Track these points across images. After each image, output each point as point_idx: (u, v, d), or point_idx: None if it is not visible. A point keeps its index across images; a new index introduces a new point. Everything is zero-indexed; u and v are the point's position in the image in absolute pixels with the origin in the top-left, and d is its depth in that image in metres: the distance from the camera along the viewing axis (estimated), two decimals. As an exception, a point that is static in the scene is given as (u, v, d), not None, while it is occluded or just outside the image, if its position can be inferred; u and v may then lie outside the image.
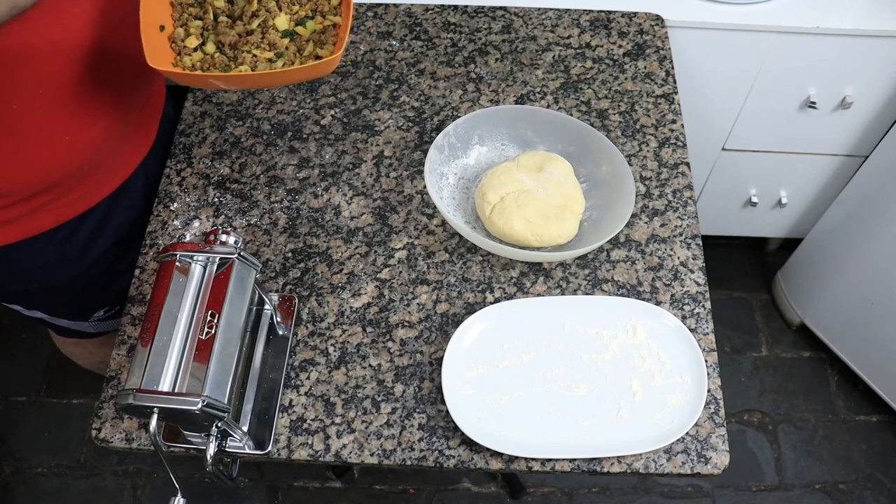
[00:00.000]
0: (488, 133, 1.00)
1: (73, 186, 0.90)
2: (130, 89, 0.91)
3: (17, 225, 0.89)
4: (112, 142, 0.91)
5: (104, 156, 0.91)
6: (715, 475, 0.82)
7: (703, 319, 0.90)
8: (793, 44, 1.22)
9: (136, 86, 0.92)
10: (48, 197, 0.88)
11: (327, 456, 0.81)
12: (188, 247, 0.77)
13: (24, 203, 0.87)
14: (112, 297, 1.09)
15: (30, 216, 0.89)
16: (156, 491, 1.62)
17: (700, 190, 1.58)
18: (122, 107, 0.89)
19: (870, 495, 1.60)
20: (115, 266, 1.04)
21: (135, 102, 0.93)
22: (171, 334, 0.72)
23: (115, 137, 0.91)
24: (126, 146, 0.96)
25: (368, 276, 0.93)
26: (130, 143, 0.97)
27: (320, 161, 1.03)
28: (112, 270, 1.04)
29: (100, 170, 0.93)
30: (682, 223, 0.97)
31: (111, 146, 0.91)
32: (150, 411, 0.69)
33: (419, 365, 0.87)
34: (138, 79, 0.91)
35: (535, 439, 0.81)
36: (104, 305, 1.10)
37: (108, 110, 0.87)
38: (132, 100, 0.92)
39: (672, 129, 1.05)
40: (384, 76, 1.11)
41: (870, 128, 1.39)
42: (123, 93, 0.89)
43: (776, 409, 1.70)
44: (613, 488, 1.62)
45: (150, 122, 1.01)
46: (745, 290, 1.87)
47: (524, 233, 0.91)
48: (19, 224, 0.89)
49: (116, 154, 0.94)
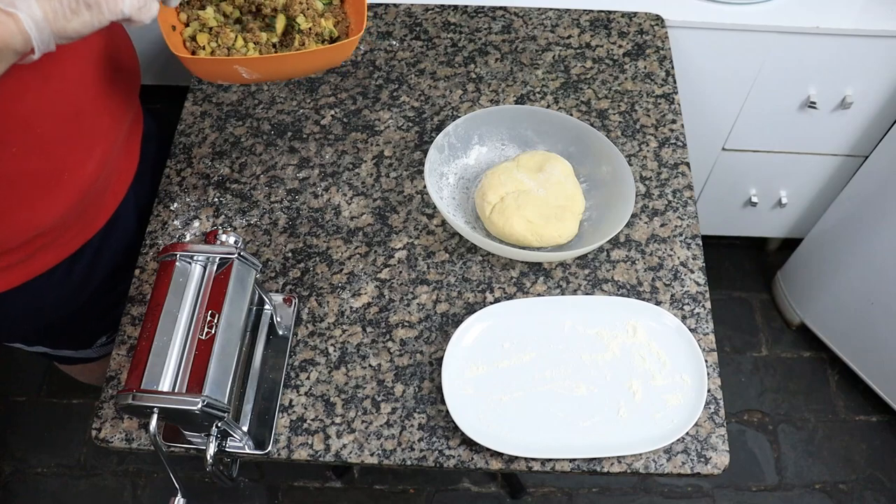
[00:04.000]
0: (488, 133, 1.00)
1: (71, 224, 0.88)
2: (122, 112, 0.88)
3: (17, 270, 0.86)
4: (105, 171, 0.88)
5: (98, 186, 0.88)
6: (715, 475, 0.82)
7: (703, 319, 0.90)
8: (793, 44, 1.22)
9: (126, 108, 0.89)
10: (46, 239, 0.86)
11: (327, 456, 0.81)
12: (188, 247, 0.77)
13: (23, 248, 0.84)
14: (113, 322, 1.07)
15: (28, 260, 0.86)
16: (156, 491, 1.62)
17: (700, 190, 1.58)
18: (113, 132, 0.87)
19: (870, 495, 1.60)
20: (114, 291, 1.02)
21: (123, 126, 0.90)
22: (171, 334, 0.72)
23: (108, 165, 0.89)
24: (114, 173, 0.93)
25: (368, 276, 0.93)
26: (118, 169, 0.94)
27: (320, 161, 1.03)
28: (111, 296, 1.02)
29: (95, 201, 0.90)
30: (682, 223, 0.97)
31: (104, 175, 0.89)
32: (150, 411, 0.69)
33: (419, 365, 0.87)
34: (127, 99, 0.89)
35: (535, 439, 0.81)
36: (106, 332, 1.08)
37: (101, 140, 0.84)
38: (122, 124, 0.89)
39: (672, 129, 1.05)
40: (384, 76, 1.11)
41: (870, 128, 1.39)
42: (115, 117, 0.86)
43: (776, 409, 1.70)
44: (613, 488, 1.62)
45: (133, 145, 0.98)
46: (745, 290, 1.87)
47: (524, 233, 0.91)
48: (18, 269, 0.86)
49: (108, 182, 0.92)
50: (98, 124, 0.83)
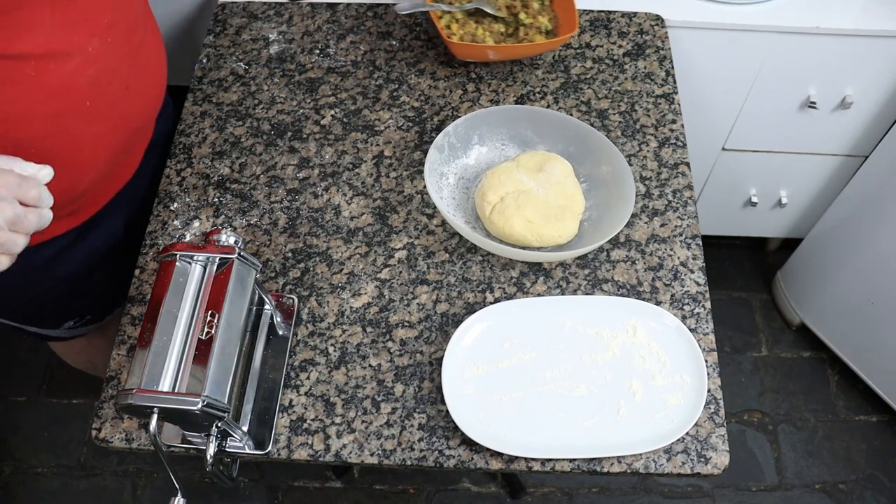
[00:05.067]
0: (488, 133, 1.00)
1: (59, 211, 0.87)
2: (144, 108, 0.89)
3: None
4: (111, 166, 0.89)
5: (98, 179, 0.88)
6: (715, 475, 0.82)
7: (703, 319, 0.90)
8: (793, 44, 1.22)
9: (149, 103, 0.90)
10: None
11: (327, 456, 0.81)
12: (188, 247, 0.77)
13: None
14: (81, 309, 1.07)
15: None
16: (156, 491, 1.62)
17: (700, 190, 1.58)
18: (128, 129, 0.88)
19: (870, 495, 1.60)
20: (86, 282, 1.01)
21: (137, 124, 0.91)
22: (170, 334, 0.72)
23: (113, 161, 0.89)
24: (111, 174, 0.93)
25: (368, 276, 0.93)
26: (114, 173, 0.94)
27: (320, 161, 1.03)
28: (83, 287, 1.01)
29: (87, 195, 0.90)
30: (682, 223, 0.97)
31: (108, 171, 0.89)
32: (149, 411, 0.69)
33: (419, 365, 0.87)
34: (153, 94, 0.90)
35: (535, 439, 0.81)
36: (74, 317, 1.08)
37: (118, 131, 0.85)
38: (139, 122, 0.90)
39: (672, 129, 1.05)
40: (384, 76, 1.11)
41: (870, 128, 1.39)
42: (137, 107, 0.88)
43: (776, 409, 1.70)
44: (613, 488, 1.62)
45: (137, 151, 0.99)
46: (745, 290, 1.87)
47: (524, 233, 0.91)
48: None
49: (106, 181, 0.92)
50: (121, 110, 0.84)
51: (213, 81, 1.11)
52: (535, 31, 1.08)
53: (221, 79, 1.11)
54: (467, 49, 1.05)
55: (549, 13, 1.11)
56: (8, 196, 0.65)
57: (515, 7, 1.10)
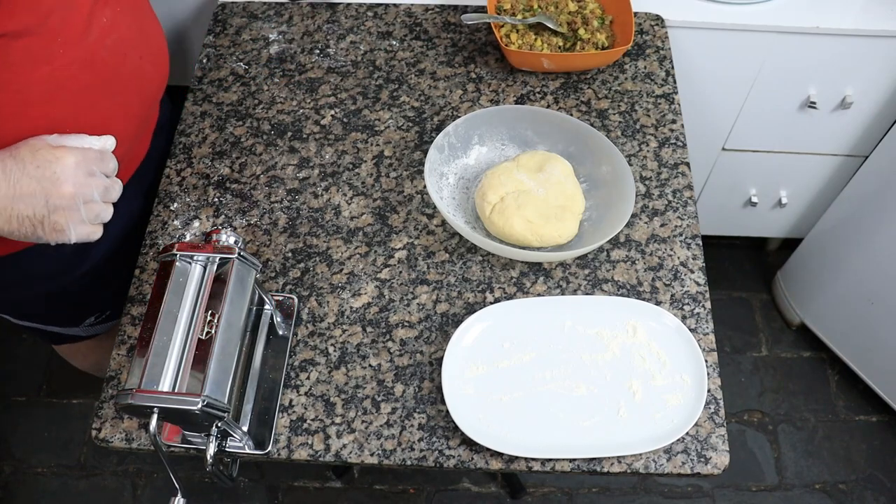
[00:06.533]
0: (488, 133, 1.00)
1: None
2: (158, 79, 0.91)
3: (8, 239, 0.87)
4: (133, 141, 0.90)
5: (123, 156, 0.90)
6: (715, 475, 0.82)
7: (703, 319, 0.90)
8: (793, 44, 1.22)
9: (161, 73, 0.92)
10: None
11: (327, 456, 0.81)
12: (188, 247, 0.77)
13: None
14: (103, 303, 1.08)
15: None
16: (156, 491, 1.62)
17: (700, 190, 1.58)
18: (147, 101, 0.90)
19: (870, 495, 1.60)
20: (109, 272, 1.02)
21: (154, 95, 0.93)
22: (170, 334, 0.72)
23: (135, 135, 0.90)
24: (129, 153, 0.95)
25: (368, 276, 0.93)
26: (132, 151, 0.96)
27: (320, 161, 1.03)
28: (106, 276, 1.02)
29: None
30: (682, 223, 0.97)
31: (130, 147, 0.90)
32: (149, 411, 0.69)
33: (419, 365, 0.87)
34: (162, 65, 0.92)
35: (535, 439, 0.81)
36: (95, 312, 1.09)
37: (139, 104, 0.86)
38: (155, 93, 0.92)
39: (672, 129, 1.05)
40: (384, 76, 1.11)
41: (870, 128, 1.39)
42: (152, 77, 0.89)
43: (776, 409, 1.70)
44: (613, 488, 1.62)
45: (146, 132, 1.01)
46: (745, 290, 1.87)
47: (524, 233, 0.91)
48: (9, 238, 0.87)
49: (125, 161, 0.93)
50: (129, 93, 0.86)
51: (213, 81, 1.11)
52: (592, 46, 1.10)
53: (221, 79, 1.11)
54: (523, 57, 1.08)
55: (608, 31, 1.13)
56: (97, 171, 0.72)
57: (576, 23, 1.13)
